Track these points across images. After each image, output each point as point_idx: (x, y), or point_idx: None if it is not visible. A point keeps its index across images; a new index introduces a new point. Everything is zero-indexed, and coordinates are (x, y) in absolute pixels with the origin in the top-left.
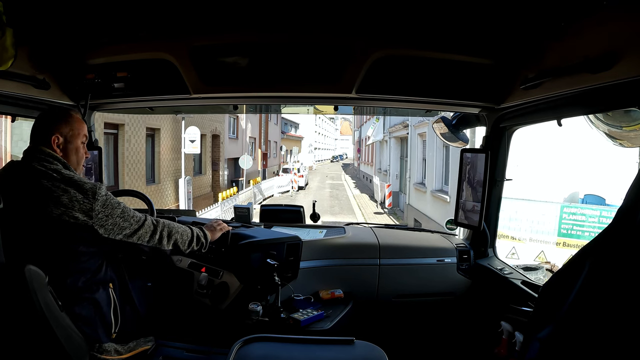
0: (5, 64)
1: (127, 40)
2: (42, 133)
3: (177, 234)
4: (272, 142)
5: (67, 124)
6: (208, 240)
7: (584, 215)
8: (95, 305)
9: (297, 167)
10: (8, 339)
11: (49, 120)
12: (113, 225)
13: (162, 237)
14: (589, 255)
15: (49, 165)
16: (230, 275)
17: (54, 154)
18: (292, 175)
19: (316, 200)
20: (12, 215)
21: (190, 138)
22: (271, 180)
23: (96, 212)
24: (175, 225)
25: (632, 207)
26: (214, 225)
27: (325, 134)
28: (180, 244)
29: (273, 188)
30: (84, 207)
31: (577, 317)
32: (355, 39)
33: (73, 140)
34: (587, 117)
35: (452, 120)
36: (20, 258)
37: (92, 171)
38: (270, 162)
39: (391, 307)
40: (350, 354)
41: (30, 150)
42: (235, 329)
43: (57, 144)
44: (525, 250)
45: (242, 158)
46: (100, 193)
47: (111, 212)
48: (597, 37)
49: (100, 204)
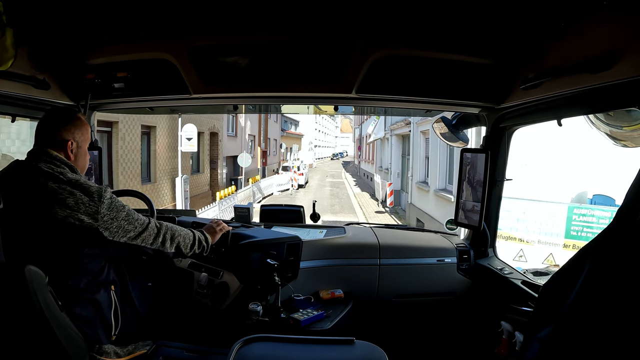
0: (5, 64)
1: (127, 40)
2: (51, 135)
3: (180, 237)
4: (272, 140)
5: (80, 128)
6: (209, 244)
7: (594, 216)
8: (96, 307)
9: (297, 165)
10: (8, 339)
11: (60, 123)
12: (118, 228)
13: (165, 239)
14: (589, 255)
15: (55, 168)
16: (230, 275)
17: (61, 157)
18: (292, 174)
19: (316, 200)
20: (15, 215)
21: (187, 136)
22: (271, 179)
23: (102, 214)
24: (178, 229)
25: (632, 207)
26: (214, 227)
27: (325, 131)
28: (182, 247)
29: (272, 186)
30: (89, 210)
31: (577, 317)
32: (355, 39)
33: (83, 144)
34: (588, 117)
35: (452, 120)
36: (20, 258)
37: (92, 171)
38: (270, 160)
39: (391, 307)
40: (350, 354)
41: (36, 152)
42: (235, 329)
43: (71, 149)
44: (533, 253)
45: (240, 156)
46: (106, 196)
47: (116, 215)
48: (597, 37)
49: (105, 206)
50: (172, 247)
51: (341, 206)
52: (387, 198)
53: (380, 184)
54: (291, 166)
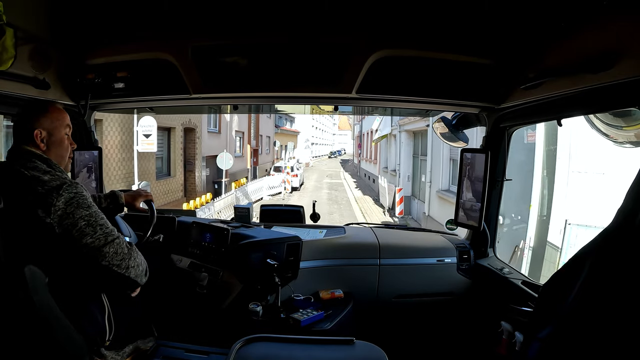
0: (5, 64)
1: (127, 40)
2: (22, 130)
3: (140, 267)
4: (265, 137)
5: (47, 115)
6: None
7: None
8: (87, 313)
9: (291, 166)
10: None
11: (27, 115)
12: (72, 226)
13: (133, 266)
14: (589, 255)
15: (27, 164)
16: (230, 275)
17: (34, 151)
18: (285, 175)
19: (316, 200)
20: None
21: (144, 132)
22: (260, 181)
23: (56, 207)
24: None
25: (632, 207)
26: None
27: (322, 128)
28: (139, 278)
29: (262, 190)
30: (44, 203)
31: (577, 317)
32: (355, 39)
33: (55, 132)
34: (588, 117)
35: (452, 120)
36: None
37: (92, 170)
38: (263, 159)
39: (391, 307)
40: (350, 354)
41: (12, 150)
42: (235, 329)
43: (40, 139)
44: None
45: (220, 156)
46: (68, 190)
47: (74, 211)
48: (597, 37)
49: (63, 200)
50: (140, 279)
51: (341, 214)
52: (397, 206)
53: (387, 188)
54: (284, 167)
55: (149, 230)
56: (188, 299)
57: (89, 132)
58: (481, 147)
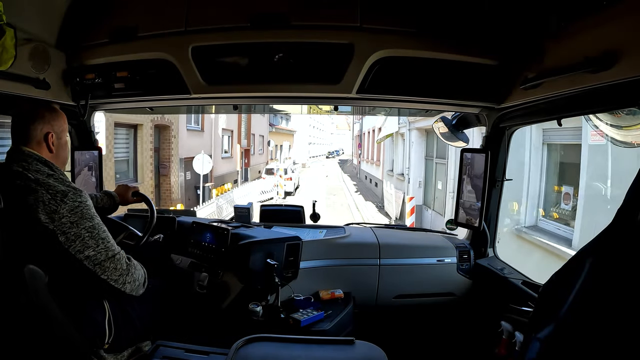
0: (5, 64)
1: (127, 40)
2: (23, 131)
3: (139, 280)
4: (258, 136)
5: (57, 118)
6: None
7: None
8: (87, 316)
9: (284, 168)
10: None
11: (36, 117)
12: (76, 237)
13: (131, 281)
14: (589, 254)
15: (27, 166)
16: (230, 275)
17: (35, 153)
18: (277, 178)
19: (316, 200)
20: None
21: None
22: (249, 185)
23: (60, 215)
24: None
25: (632, 206)
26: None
27: (320, 127)
28: (134, 290)
29: (251, 195)
30: (47, 209)
31: (577, 317)
32: (356, 39)
33: (62, 134)
34: (588, 117)
35: (452, 120)
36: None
37: (92, 170)
38: (256, 160)
39: (391, 307)
40: (350, 354)
41: (11, 151)
42: (235, 329)
43: (52, 142)
44: None
45: (197, 158)
46: (73, 198)
47: (78, 221)
48: (597, 37)
49: (67, 208)
50: (136, 292)
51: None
52: (407, 217)
53: (394, 195)
54: (276, 169)
55: (148, 230)
56: (188, 299)
57: (89, 132)
58: (481, 147)
